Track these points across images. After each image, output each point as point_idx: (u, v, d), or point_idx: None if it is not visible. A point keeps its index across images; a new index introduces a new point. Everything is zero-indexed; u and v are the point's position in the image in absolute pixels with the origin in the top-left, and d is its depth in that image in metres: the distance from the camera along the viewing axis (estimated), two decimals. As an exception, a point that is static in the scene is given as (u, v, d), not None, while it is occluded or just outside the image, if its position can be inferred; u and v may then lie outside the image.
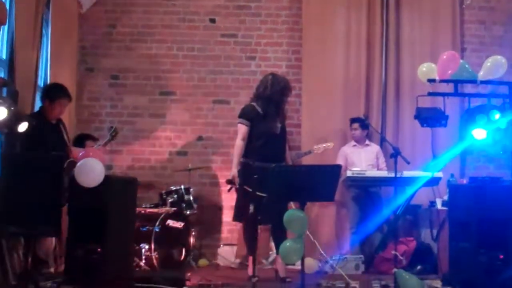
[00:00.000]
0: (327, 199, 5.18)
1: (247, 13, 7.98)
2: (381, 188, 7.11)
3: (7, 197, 4.75)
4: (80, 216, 4.84)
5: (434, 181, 6.39)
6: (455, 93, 5.83)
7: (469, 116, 5.77)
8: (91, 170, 4.83)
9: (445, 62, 5.63)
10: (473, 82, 5.73)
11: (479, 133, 5.59)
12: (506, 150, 5.62)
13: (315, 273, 5.23)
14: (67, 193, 4.93)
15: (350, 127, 7.31)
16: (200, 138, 7.86)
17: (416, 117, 5.81)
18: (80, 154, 5.29)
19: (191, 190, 7.01)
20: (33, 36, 5.97)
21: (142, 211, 6.52)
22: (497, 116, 5.51)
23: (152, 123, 7.87)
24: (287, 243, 4.76)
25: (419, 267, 6.35)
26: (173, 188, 6.93)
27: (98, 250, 4.72)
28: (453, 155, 6.66)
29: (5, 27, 5.51)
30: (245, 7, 7.97)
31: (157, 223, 6.23)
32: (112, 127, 6.34)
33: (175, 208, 6.66)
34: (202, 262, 7.00)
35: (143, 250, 6.10)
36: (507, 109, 5.54)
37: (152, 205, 6.82)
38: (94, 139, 6.78)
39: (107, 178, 4.88)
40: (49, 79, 6.62)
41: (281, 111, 6.01)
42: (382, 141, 7.38)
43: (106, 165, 5.58)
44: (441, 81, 5.68)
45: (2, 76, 5.59)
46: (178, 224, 6.49)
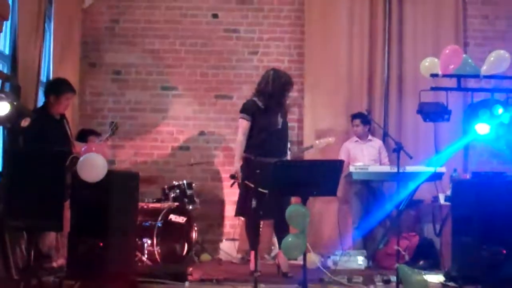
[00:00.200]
0: (329, 194, 5.16)
1: (250, 8, 7.97)
2: (383, 183, 7.11)
3: (10, 192, 4.76)
4: (83, 211, 4.84)
5: (437, 176, 6.37)
6: (458, 88, 5.80)
7: (472, 111, 5.73)
8: (93, 165, 4.83)
9: (448, 56, 5.61)
10: (476, 76, 5.71)
11: (482, 128, 5.57)
12: (509, 145, 5.61)
13: (317, 268, 5.22)
14: (70, 188, 4.92)
15: (352, 123, 7.30)
16: (202, 133, 7.87)
17: (419, 112, 5.81)
18: (83, 149, 5.29)
19: (193, 185, 7.02)
20: (35, 31, 5.97)
21: (145, 206, 6.52)
22: (500, 110, 5.49)
23: (155, 118, 7.87)
24: (289, 238, 4.76)
25: (421, 262, 6.35)
26: (176, 183, 6.93)
27: (100, 245, 4.72)
28: (456, 150, 6.64)
29: (8, 22, 5.50)
30: (247, 2, 7.97)
31: (159, 218, 6.23)
32: (113, 122, 6.34)
33: (177, 203, 6.66)
34: (205, 257, 7.00)
35: (145, 244, 6.10)
36: (511, 104, 5.52)
37: (154, 200, 6.82)
38: (97, 134, 6.80)
39: (109, 173, 4.88)
40: (51, 75, 6.61)
41: (282, 106, 6.00)
42: (384, 136, 7.38)
43: (108, 160, 5.58)
44: (444, 76, 5.67)
45: (4, 71, 5.59)
46: (181, 219, 6.49)
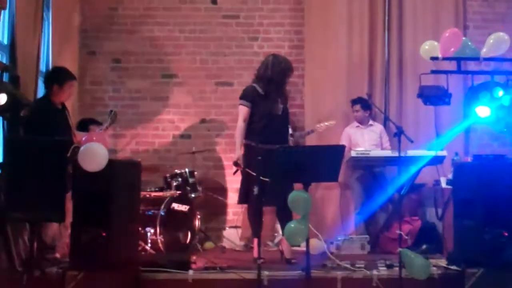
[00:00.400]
0: (331, 180, 5.17)
1: (249, -7, 7.93)
2: (385, 168, 7.11)
3: (11, 183, 4.76)
4: (85, 201, 4.84)
5: (438, 160, 6.35)
6: (458, 71, 5.78)
7: (473, 93, 5.72)
8: (94, 154, 4.83)
9: (448, 39, 5.59)
10: (476, 59, 5.69)
11: (482, 111, 5.55)
12: (510, 127, 5.59)
13: (320, 254, 5.24)
14: (71, 179, 4.93)
15: (352, 108, 7.29)
16: (203, 121, 7.86)
17: (419, 95, 5.79)
18: (84, 138, 5.29)
19: (195, 173, 7.02)
20: (33, 20, 5.95)
21: (147, 195, 6.52)
22: (500, 93, 5.47)
23: (155, 107, 7.86)
24: (291, 225, 4.77)
25: (424, 246, 6.35)
26: (178, 171, 6.93)
27: (103, 235, 4.73)
28: (457, 133, 6.63)
29: (6, 12, 5.49)
30: (246, -12, 7.93)
31: (162, 207, 6.25)
32: (112, 111, 6.33)
33: (180, 192, 6.67)
34: (208, 244, 7.02)
35: (148, 233, 6.12)
36: (511, 86, 5.51)
37: (157, 189, 6.82)
38: (98, 123, 6.78)
39: (110, 162, 4.88)
40: (51, 64, 6.60)
41: (282, 92, 5.97)
42: (385, 121, 7.37)
43: (109, 149, 5.59)
44: (444, 59, 5.65)
45: (3, 61, 5.58)
46: (183, 208, 6.50)
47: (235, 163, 5.81)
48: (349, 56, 7.66)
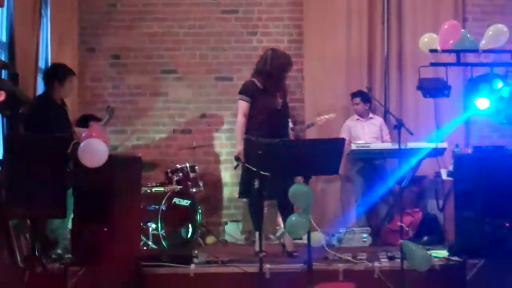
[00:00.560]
0: (331, 173, 5.17)
1: (248, -12, 7.92)
2: (386, 161, 7.12)
3: (12, 179, 4.76)
4: (85, 197, 4.83)
5: (439, 152, 6.37)
6: (457, 63, 5.78)
7: (472, 85, 5.72)
8: (94, 150, 4.82)
9: (447, 32, 5.58)
10: (475, 51, 5.68)
11: (482, 103, 5.56)
12: (509, 119, 5.59)
13: (322, 246, 5.24)
14: (72, 175, 4.93)
15: (352, 102, 7.30)
16: (203, 116, 7.86)
17: (419, 88, 5.78)
18: (83, 134, 5.29)
19: (196, 167, 7.03)
20: (32, 17, 5.96)
21: (148, 190, 6.54)
22: (499, 84, 5.47)
23: (155, 102, 7.88)
24: (293, 218, 4.78)
25: (425, 237, 6.38)
26: (179, 166, 6.94)
27: (104, 230, 4.73)
28: (457, 125, 6.64)
29: (4, 9, 5.49)
30: (245, -18, 7.92)
31: (163, 202, 6.26)
32: (109, 107, 6.33)
33: (181, 186, 6.69)
34: (210, 239, 7.04)
35: (150, 229, 6.14)
36: (510, 78, 5.51)
37: (158, 184, 6.83)
38: (98, 119, 6.77)
39: (111, 157, 4.87)
40: (50, 61, 6.59)
41: (281, 86, 5.97)
42: (385, 113, 7.37)
43: (109, 145, 5.59)
44: (443, 51, 5.64)
45: (2, 58, 5.58)
46: (185, 202, 6.52)
47: (236, 158, 5.82)
48: (348, 49, 7.66)
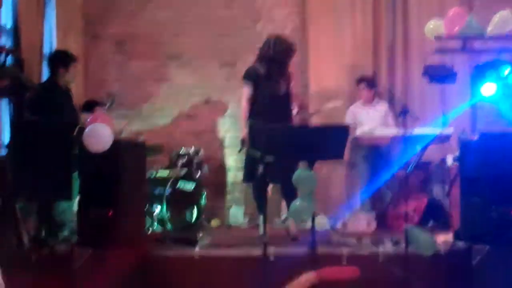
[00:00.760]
0: (336, 158, 5.17)
1: (251, -26, 7.89)
2: (391, 146, 7.11)
3: (19, 163, 4.79)
4: (91, 181, 4.87)
5: (445, 138, 6.36)
6: (464, 49, 5.76)
7: (479, 72, 5.70)
8: (99, 135, 4.84)
9: (452, 18, 5.57)
10: (481, 37, 5.65)
11: (488, 89, 5.54)
12: (514, 106, 5.59)
13: (326, 230, 5.26)
14: (77, 159, 4.95)
15: (357, 87, 7.27)
16: (207, 101, 7.86)
17: (424, 74, 5.77)
18: (88, 119, 5.29)
19: (200, 152, 7.04)
20: (37, 4, 5.98)
21: (153, 174, 6.56)
22: (506, 71, 5.46)
23: (159, 88, 7.86)
24: (296, 202, 4.77)
25: (430, 223, 6.38)
26: (183, 150, 6.95)
27: (110, 214, 4.75)
28: (462, 111, 6.63)
29: (9, -4, 5.50)
30: (249, -32, 7.88)
31: (168, 186, 6.28)
32: (111, 93, 6.38)
33: (185, 171, 6.70)
34: (214, 222, 7.06)
35: (155, 212, 6.16)
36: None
37: (162, 168, 6.85)
38: (103, 105, 6.78)
39: (115, 142, 4.89)
40: (55, 47, 6.59)
41: (284, 72, 5.97)
42: (390, 100, 7.35)
43: (114, 130, 5.60)
44: (449, 37, 5.62)
45: (8, 45, 5.58)
46: (189, 186, 6.54)
47: (242, 142, 5.83)
48: (353, 35, 7.62)
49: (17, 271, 4.40)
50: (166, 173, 6.60)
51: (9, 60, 5.34)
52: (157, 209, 6.17)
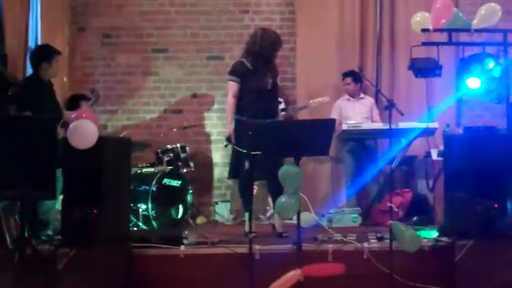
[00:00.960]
0: (322, 153, 5.17)
1: (239, -35, 7.83)
2: (376, 141, 7.13)
3: (1, 161, 4.73)
4: (75, 178, 4.82)
5: (430, 132, 6.39)
6: (449, 42, 5.75)
7: (464, 65, 5.70)
8: (84, 131, 4.80)
9: (439, 11, 5.54)
10: (467, 30, 5.64)
11: (473, 82, 5.54)
12: (501, 98, 5.58)
13: (311, 227, 5.25)
14: (61, 155, 4.91)
15: (343, 81, 7.27)
16: (194, 95, 7.83)
17: (410, 67, 5.76)
18: (73, 115, 5.26)
19: (187, 148, 7.01)
20: (21, -2, 5.91)
21: (138, 171, 6.54)
22: (491, 64, 5.46)
23: (146, 81, 7.82)
24: (282, 199, 4.77)
25: (415, 218, 6.40)
26: (169, 146, 6.93)
27: (94, 212, 4.72)
28: (448, 104, 6.65)
29: (-8, -12, 5.43)
30: (236, -41, 7.83)
31: (153, 182, 6.25)
32: (94, 89, 6.33)
33: (171, 167, 6.67)
34: (200, 219, 7.05)
35: (140, 209, 6.14)
36: (501, 57, 5.49)
37: (148, 164, 6.82)
38: (88, 99, 6.74)
39: (100, 139, 4.85)
40: (40, 41, 6.54)
41: (271, 66, 5.94)
42: (377, 93, 7.35)
43: (99, 126, 5.57)
44: (435, 30, 5.60)
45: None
46: (175, 183, 6.51)
47: (227, 139, 5.82)
48: (341, 28, 7.62)
49: (0, 271, 4.40)
50: (151, 169, 6.57)
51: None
52: (142, 206, 6.13)
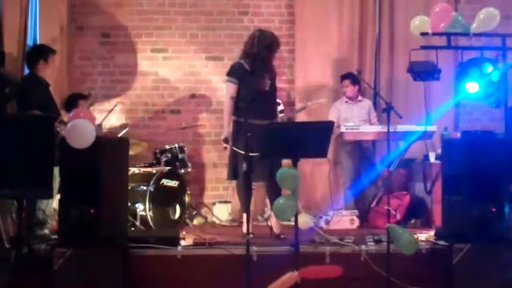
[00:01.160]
0: (320, 156, 5.15)
1: (239, -33, 7.83)
2: (374, 144, 7.13)
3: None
4: (73, 178, 4.82)
5: (428, 135, 6.40)
6: (448, 46, 5.76)
7: (462, 69, 5.71)
8: (82, 131, 4.79)
9: (438, 15, 5.54)
10: (466, 35, 5.64)
11: (471, 87, 5.55)
12: (499, 102, 5.59)
13: (309, 229, 5.25)
14: (58, 154, 4.91)
15: (341, 84, 7.27)
16: (193, 96, 7.82)
17: (409, 71, 5.76)
18: (71, 115, 5.26)
19: (185, 148, 7.01)
20: (20, -4, 5.89)
21: (137, 171, 6.53)
22: (489, 68, 5.46)
23: (145, 81, 7.81)
24: (280, 200, 4.77)
25: (413, 220, 6.42)
26: (167, 147, 6.93)
27: (91, 211, 4.72)
28: (446, 108, 6.65)
29: (-10, -13, 5.43)
30: (236, -40, 7.82)
31: (151, 183, 6.24)
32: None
33: (169, 167, 6.67)
34: (198, 220, 7.04)
35: (138, 210, 6.12)
36: (500, 62, 5.49)
37: (146, 165, 6.82)
38: (87, 98, 6.74)
39: (98, 139, 4.85)
40: (38, 40, 6.53)
41: (269, 68, 5.95)
42: (375, 96, 7.36)
43: (97, 125, 5.57)
44: (434, 34, 5.60)
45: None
46: (173, 183, 6.50)
47: (225, 140, 5.82)
48: (340, 31, 7.63)
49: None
50: (149, 170, 6.57)
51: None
52: (140, 206, 6.12)
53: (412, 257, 4.87)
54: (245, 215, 5.62)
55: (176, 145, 6.92)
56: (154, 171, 6.47)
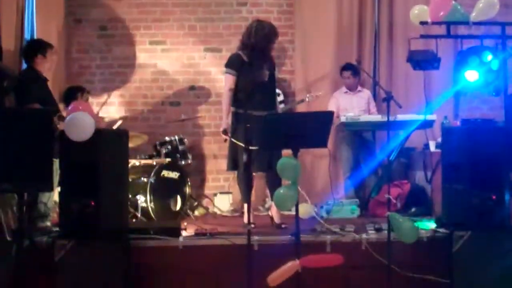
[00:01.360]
0: (320, 145, 5.15)
1: (237, -44, 7.80)
2: (374, 133, 7.13)
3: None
4: (73, 171, 4.82)
5: (428, 124, 6.40)
6: (447, 35, 5.75)
7: (462, 58, 5.71)
8: (81, 124, 4.78)
9: (437, 3, 5.52)
10: (465, 23, 5.63)
11: (471, 75, 5.55)
12: (499, 91, 5.59)
13: (310, 218, 5.26)
14: (58, 148, 4.90)
15: (341, 75, 7.26)
16: (192, 88, 7.82)
17: (409, 60, 5.76)
18: (69, 108, 5.25)
19: (185, 140, 7.01)
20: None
21: (137, 163, 6.53)
22: (489, 57, 5.46)
23: (143, 74, 7.81)
24: (280, 190, 4.77)
25: (413, 209, 6.41)
26: (167, 139, 6.94)
27: (92, 204, 4.72)
28: (446, 97, 6.65)
29: (-13, -19, 5.41)
30: (234, -50, 7.80)
31: (152, 174, 6.24)
32: (85, 90, 6.40)
33: (169, 159, 6.68)
34: (199, 211, 7.05)
35: (139, 201, 6.13)
36: (499, 50, 5.49)
37: (146, 157, 6.82)
38: (85, 91, 6.74)
39: (97, 131, 4.84)
40: (36, 33, 6.51)
41: (268, 58, 5.93)
42: (374, 86, 7.35)
43: (98, 117, 5.58)
44: (433, 23, 5.59)
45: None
46: (174, 175, 6.51)
47: (224, 132, 5.82)
48: (339, 21, 7.60)
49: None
50: (150, 162, 6.57)
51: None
52: (141, 198, 6.13)
53: (413, 245, 4.88)
54: (246, 206, 5.64)
55: (176, 137, 6.93)
56: (155, 163, 6.48)
